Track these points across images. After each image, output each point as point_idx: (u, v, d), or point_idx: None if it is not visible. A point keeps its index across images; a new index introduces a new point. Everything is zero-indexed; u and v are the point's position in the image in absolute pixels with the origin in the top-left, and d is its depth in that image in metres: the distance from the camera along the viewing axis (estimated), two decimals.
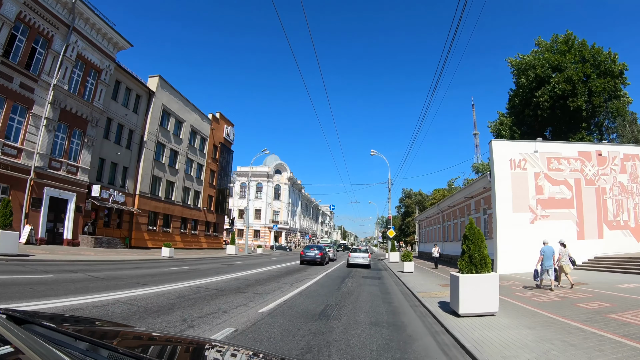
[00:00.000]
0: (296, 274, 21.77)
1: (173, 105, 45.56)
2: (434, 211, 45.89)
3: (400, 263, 30.73)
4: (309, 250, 31.02)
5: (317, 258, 29.87)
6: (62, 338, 1.59)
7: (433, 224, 47.66)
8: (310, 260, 29.97)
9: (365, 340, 7.37)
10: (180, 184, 47.32)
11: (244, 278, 17.61)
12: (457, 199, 33.94)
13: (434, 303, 12.40)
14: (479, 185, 27.48)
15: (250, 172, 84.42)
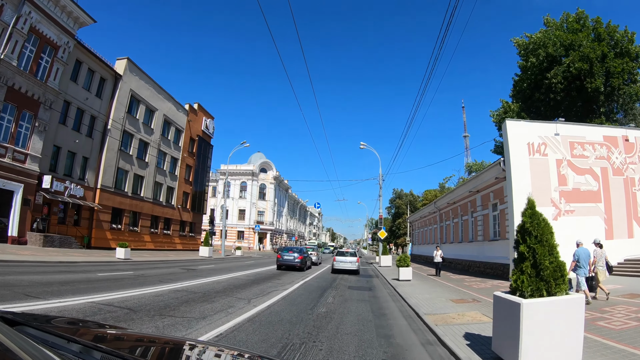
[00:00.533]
0: (265, 283, 17.01)
1: (143, 91, 40.59)
2: (429, 210, 41.48)
3: (393, 269, 26.44)
4: (286, 253, 25.97)
5: (296, 262, 24.94)
6: (54, 340, 1.57)
7: (429, 224, 43.18)
8: (288, 265, 25.19)
9: None
10: (151, 178, 42.25)
11: (189, 289, 12.94)
12: (460, 194, 29.41)
13: (458, 337, 7.79)
14: (490, 176, 22.81)
15: (234, 170, 79.97)
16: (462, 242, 28.81)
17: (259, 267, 27.25)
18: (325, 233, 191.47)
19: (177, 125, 46.80)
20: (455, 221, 31.23)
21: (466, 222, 28.31)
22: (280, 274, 22.29)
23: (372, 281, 21.32)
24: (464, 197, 28.17)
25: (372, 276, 24.96)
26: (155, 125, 42.61)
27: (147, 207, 41.76)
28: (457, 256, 28.93)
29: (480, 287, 17.56)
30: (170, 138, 45.65)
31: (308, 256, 28.45)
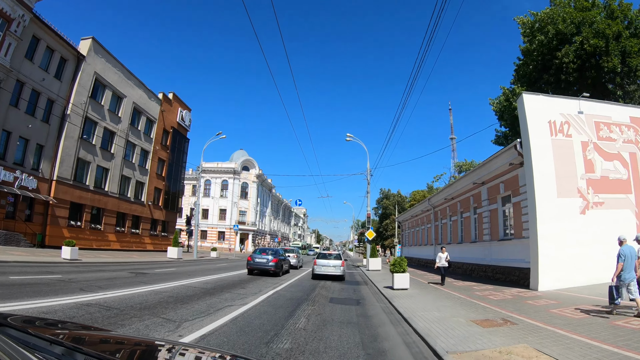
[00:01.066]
0: (222, 293, 12.94)
1: (110, 75, 36.26)
2: (422, 207, 37.53)
3: (384, 274, 22.96)
4: (258, 255, 21.72)
5: (270, 266, 20.79)
6: (36, 341, 1.54)
7: (421, 224, 39.16)
8: (261, 269, 21.09)
9: None
10: (117, 171, 37.82)
11: (106, 303, 9.28)
12: (460, 188, 25.53)
13: None
14: (500, 162, 18.88)
15: (215, 167, 75.66)
16: (463, 242, 25.00)
17: (229, 271, 23.19)
18: (310, 234, 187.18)
19: (148, 115, 42.46)
20: (453, 219, 27.46)
21: (467, 220, 24.53)
22: (249, 280, 18.26)
23: (360, 290, 17.20)
24: (465, 190, 24.28)
25: (359, 283, 20.93)
26: (123, 114, 38.29)
27: (113, 203, 37.34)
28: (458, 259, 25.10)
29: (498, 297, 13.65)
30: (140, 128, 41.30)
31: (285, 259, 24.42)
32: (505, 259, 18.59)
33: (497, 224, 19.85)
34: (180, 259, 33.13)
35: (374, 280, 20.88)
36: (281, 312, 10.05)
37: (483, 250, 21.18)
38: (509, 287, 16.29)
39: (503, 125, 30.82)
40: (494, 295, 14.29)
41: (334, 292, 15.40)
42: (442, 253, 18.53)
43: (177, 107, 48.37)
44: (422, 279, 21.73)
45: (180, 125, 49.10)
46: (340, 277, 21.33)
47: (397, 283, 15.87)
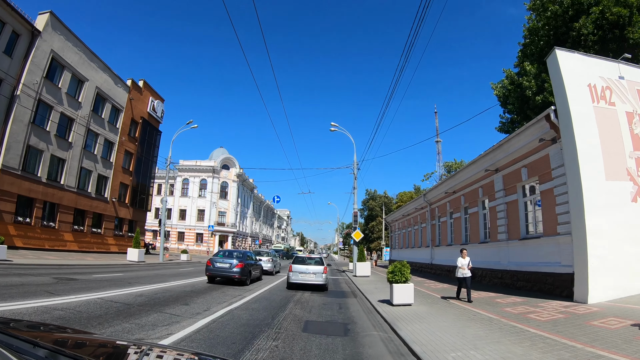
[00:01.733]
0: (151, 312, 8.87)
1: (70, 55, 31.70)
2: (416, 205, 33.45)
3: (375, 281, 19.45)
4: (220, 259, 17.19)
5: (234, 273, 16.36)
6: (19, 344, 1.52)
7: (414, 224, 35.04)
8: (223, 276, 16.70)
9: None
10: (76, 163, 33.15)
11: None
12: (466, 179, 21.33)
13: None
14: (525, 140, 14.48)
15: (193, 166, 71.11)
16: (469, 243, 20.83)
17: (188, 277, 18.81)
18: (294, 237, 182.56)
19: (114, 102, 37.86)
20: (455, 216, 23.50)
21: (474, 217, 20.58)
22: (203, 290, 13.99)
23: (347, 306, 12.75)
24: (473, 181, 20.23)
25: (346, 294, 16.50)
26: (84, 99, 33.66)
27: (70, 198, 32.63)
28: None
29: (544, 317, 9.53)
30: (104, 117, 36.68)
31: (256, 263, 19.65)
32: (531, 263, 14.61)
33: (516, 220, 15.86)
34: (142, 262, 28.65)
35: (365, 289, 16.71)
36: (219, 351, 5.91)
37: (497, 252, 17.16)
38: (543, 299, 12.25)
39: (508, 111, 27.12)
40: (534, 312, 10.21)
41: (312, 311, 11.09)
42: (463, 258, 13.64)
43: (147, 96, 43.82)
44: (424, 288, 17.60)
45: (151, 116, 44.47)
46: (322, 287, 17.03)
47: (397, 297, 11.79)
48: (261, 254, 26.40)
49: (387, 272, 12.12)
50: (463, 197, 21.84)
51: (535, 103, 23.41)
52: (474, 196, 20.29)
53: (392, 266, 12.00)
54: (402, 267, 11.78)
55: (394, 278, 11.78)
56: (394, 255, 43.27)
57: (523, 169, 15.38)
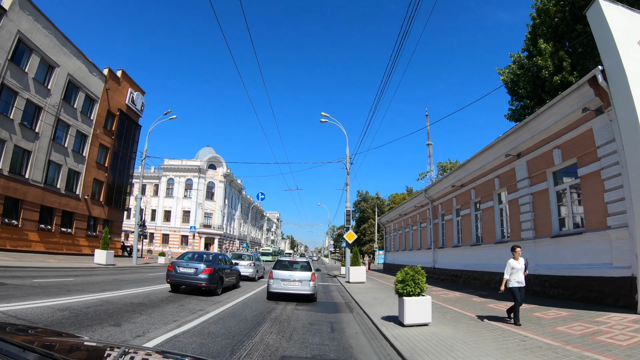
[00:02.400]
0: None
1: (39, 38, 28.77)
2: (415, 202, 30.34)
3: (373, 288, 17.87)
4: (185, 262, 13.95)
5: (201, 280, 13.27)
6: (9, 348, 1.50)
7: (412, 224, 32.40)
8: (187, 284, 13.64)
9: None
10: (43, 155, 30.01)
11: None
12: (477, 168, 18.56)
13: None
14: (562, 112, 11.60)
15: (178, 165, 68.02)
16: (482, 244, 18.17)
17: (150, 284, 15.79)
18: (285, 240, 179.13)
19: (88, 92, 34.83)
20: (464, 213, 20.63)
21: (489, 213, 17.68)
22: (157, 302, 11.10)
23: (342, 328, 9.39)
24: (488, 170, 17.25)
25: (339, 307, 13.13)
26: (54, 86, 30.68)
27: (35, 193, 29.47)
28: (473, 266, 18.43)
29: (624, 341, 6.75)
30: (76, 107, 33.63)
31: (230, 269, 16.10)
32: (568, 265, 11.83)
33: (546, 213, 13.10)
34: (112, 265, 25.60)
35: (362, 300, 13.68)
36: None
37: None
38: (596, 312, 9.45)
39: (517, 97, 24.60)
40: (602, 332, 7.39)
41: (294, 337, 7.91)
42: (517, 259, 9.44)
43: (126, 86, 40.74)
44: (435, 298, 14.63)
45: (130, 109, 41.35)
46: (309, 297, 14.18)
47: (410, 314, 8.78)
48: (242, 258, 23.56)
49: (396, 281, 9.05)
50: (474, 190, 19.04)
51: (553, 84, 20.86)
52: (488, 188, 17.47)
53: (402, 273, 8.96)
54: (416, 275, 8.78)
55: (405, 289, 8.75)
56: (389, 258, 40.36)
57: (555, 151, 12.63)
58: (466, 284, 18.71)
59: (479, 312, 10.76)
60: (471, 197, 19.28)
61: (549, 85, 21.33)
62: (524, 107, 23.83)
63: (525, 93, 23.01)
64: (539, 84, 22.69)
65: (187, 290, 14.14)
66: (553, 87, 20.93)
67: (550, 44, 21.19)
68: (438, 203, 24.71)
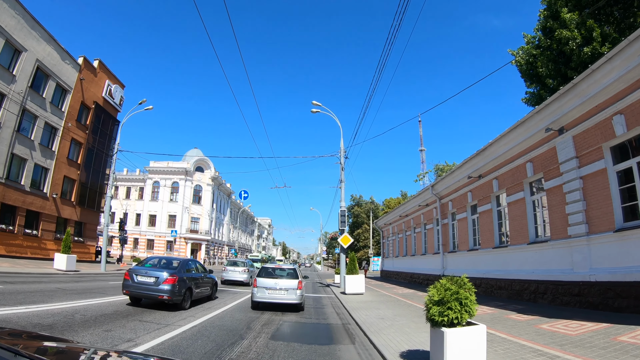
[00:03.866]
0: None
1: (5, 18, 25.61)
2: (420, 201, 26.58)
3: (379, 303, 15.82)
4: (144, 270, 11.08)
5: (162, 292, 10.50)
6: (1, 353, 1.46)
7: (415, 226, 28.61)
8: (146, 296, 10.94)
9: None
10: (5, 147, 26.53)
11: None
12: (503, 152, 15.03)
13: None
14: (630, 62, 9.01)
15: (164, 168, 64.77)
16: (508, 246, 14.81)
17: (101, 295, 12.60)
18: (276, 247, 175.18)
19: (59, 81, 31.54)
20: (482, 209, 17.27)
21: (517, 207, 14.33)
22: (83, 322, 7.95)
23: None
24: (517, 153, 14.02)
25: (334, 334, 9.23)
26: (19, 72, 27.40)
27: None
28: (495, 274, 15.28)
29: None
30: (46, 96, 30.32)
31: (203, 278, 13.16)
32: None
33: (604, 201, 9.94)
34: (74, 271, 22.22)
35: (364, 322, 10.29)
36: None
37: (567, 254, 11.11)
38: None
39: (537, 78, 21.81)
40: None
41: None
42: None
43: (103, 78, 37.47)
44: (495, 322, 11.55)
45: (107, 102, 38.01)
46: (295, 307, 12.89)
47: (455, 353, 5.30)
48: (237, 264, 24.41)
49: (428, 301, 5.57)
50: (496, 181, 15.89)
51: (582, 58, 18.07)
52: (516, 176, 14.27)
53: (439, 289, 5.64)
54: (461, 291, 5.45)
55: (445, 316, 5.41)
56: (387, 265, 36.94)
57: (616, 118, 9.63)
58: (487, 294, 15.57)
59: (548, 341, 7.52)
60: (492, 189, 16.08)
61: (577, 60, 18.54)
62: (544, 87, 21.08)
63: (546, 72, 20.18)
64: (562, 61, 19.96)
65: (149, 304, 11.20)
66: (582, 61, 18.13)
67: (576, 13, 18.37)
68: (448, 200, 21.47)
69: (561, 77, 19.92)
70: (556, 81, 20.10)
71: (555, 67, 20.17)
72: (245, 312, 11.80)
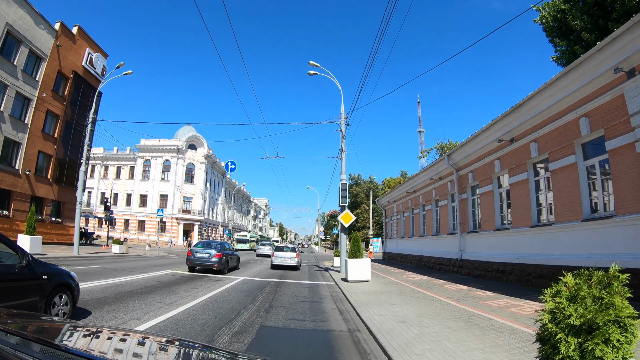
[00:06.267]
0: None
1: None
2: (432, 174, 22.83)
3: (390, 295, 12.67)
4: (200, 249, 18.19)
5: (213, 262, 17.44)
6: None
7: (424, 203, 25.20)
8: (203, 265, 17.62)
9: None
10: None
11: None
12: (551, 104, 11.55)
13: None
14: None
15: (156, 145, 61.75)
16: (552, 224, 11.80)
17: None
18: (274, 227, 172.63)
19: (33, 47, 28.31)
20: (515, 180, 14.13)
21: (566, 176, 11.21)
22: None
23: None
24: (569, 106, 10.86)
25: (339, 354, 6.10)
26: None
27: None
28: (533, 258, 12.43)
29: None
30: (17, 64, 27.16)
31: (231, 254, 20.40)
32: None
33: None
34: (43, 254, 19.39)
35: (380, 328, 7.02)
36: None
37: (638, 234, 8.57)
38: None
39: (567, 34, 18.91)
40: None
41: None
42: None
43: (83, 46, 34.14)
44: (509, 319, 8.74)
45: (88, 72, 34.70)
46: (295, 267, 22.97)
47: None
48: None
49: (551, 324, 2.76)
50: (535, 144, 12.85)
51: (626, 6, 15.14)
52: (564, 137, 11.20)
53: (577, 299, 2.88)
54: (616, 300, 2.70)
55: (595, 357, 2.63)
56: (391, 246, 34.04)
57: None
58: (522, 283, 12.78)
59: None
60: (530, 154, 13.06)
61: (620, 9, 15.61)
62: (578, 42, 18.17)
63: (581, 25, 17.20)
64: (599, 13, 17.04)
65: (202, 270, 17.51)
66: (626, 11, 15.19)
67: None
68: (467, 171, 18.26)
69: (599, 30, 17.01)
70: (593, 35, 17.14)
71: (591, 20, 17.27)
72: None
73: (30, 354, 1.37)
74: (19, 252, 5.82)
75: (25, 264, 5.81)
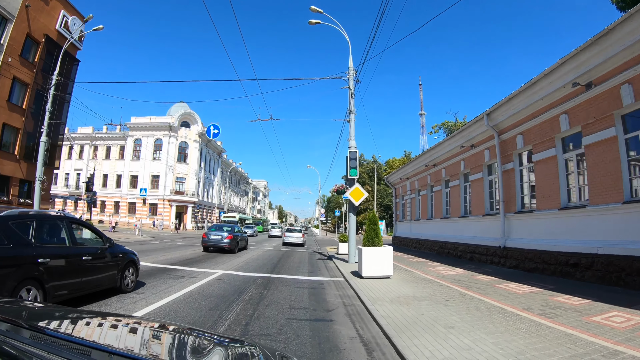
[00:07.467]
0: None
1: None
2: (463, 140, 18.43)
3: (434, 311, 7.80)
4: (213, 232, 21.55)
5: (225, 243, 20.62)
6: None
7: (451, 177, 20.72)
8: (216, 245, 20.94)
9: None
10: None
11: None
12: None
13: None
14: None
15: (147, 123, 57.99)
16: None
17: None
18: (273, 210, 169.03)
19: None
20: (592, 141, 10.29)
21: None
22: None
23: None
24: None
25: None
26: None
27: None
28: (627, 248, 9.02)
29: None
30: None
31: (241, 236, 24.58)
32: None
33: None
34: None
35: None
36: None
37: None
38: None
39: None
40: None
41: None
42: None
43: (57, 7, 30.03)
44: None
45: (62, 37, 30.65)
46: (301, 245, 31.02)
47: None
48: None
49: None
50: (628, 86, 9.03)
51: None
52: None
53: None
54: None
55: None
56: (403, 230, 30.09)
57: None
58: (609, 282, 9.15)
59: None
60: (621, 101, 9.22)
61: None
62: None
63: None
64: None
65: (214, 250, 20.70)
66: None
67: None
68: (515, 133, 14.09)
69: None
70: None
71: None
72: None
73: (20, 340, 1.34)
74: (103, 237, 8.10)
75: (108, 246, 8.00)
